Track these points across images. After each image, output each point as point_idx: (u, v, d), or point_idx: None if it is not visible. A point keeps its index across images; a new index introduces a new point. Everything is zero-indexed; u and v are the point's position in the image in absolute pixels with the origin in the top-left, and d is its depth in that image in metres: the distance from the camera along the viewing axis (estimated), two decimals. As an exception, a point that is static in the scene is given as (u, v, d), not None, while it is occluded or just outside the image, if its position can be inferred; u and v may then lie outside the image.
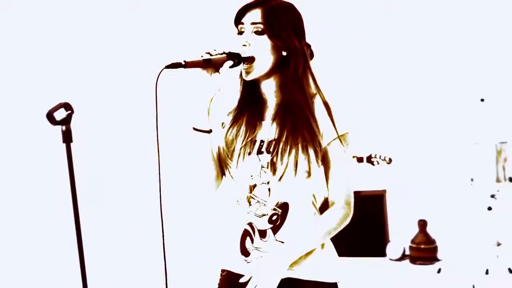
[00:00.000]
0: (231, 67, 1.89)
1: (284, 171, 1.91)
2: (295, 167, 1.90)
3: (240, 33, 1.95)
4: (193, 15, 4.93)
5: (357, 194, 5.72)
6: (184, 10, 4.95)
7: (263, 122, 2.00)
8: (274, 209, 1.95)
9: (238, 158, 1.97)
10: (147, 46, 4.79)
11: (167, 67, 1.76)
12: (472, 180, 4.68)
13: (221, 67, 1.87)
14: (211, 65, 1.85)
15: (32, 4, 4.61)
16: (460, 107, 5.04)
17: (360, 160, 3.97)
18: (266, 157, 1.94)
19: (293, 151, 1.90)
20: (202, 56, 1.84)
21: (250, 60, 1.91)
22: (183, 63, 1.78)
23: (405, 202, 5.24)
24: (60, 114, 1.63)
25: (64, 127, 1.64)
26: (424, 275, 4.81)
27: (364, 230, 5.31)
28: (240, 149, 1.97)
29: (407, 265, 5.08)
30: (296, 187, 1.95)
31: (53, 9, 4.65)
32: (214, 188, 2.05)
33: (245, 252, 1.99)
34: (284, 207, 1.96)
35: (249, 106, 2.02)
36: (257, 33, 1.92)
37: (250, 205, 1.98)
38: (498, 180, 4.61)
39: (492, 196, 4.60)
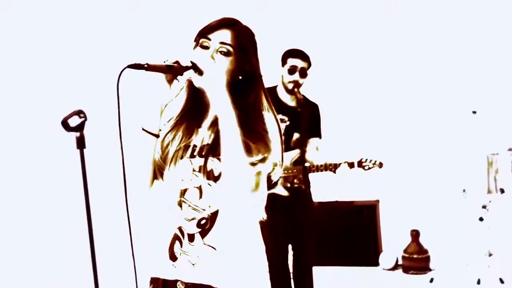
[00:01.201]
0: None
1: (219, 175, 1.91)
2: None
3: (203, 47, 1.98)
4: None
5: (350, 204, 5.84)
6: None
7: (199, 129, 2.02)
8: (203, 213, 1.94)
9: (171, 162, 1.97)
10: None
11: (129, 66, 1.76)
12: (464, 191, 4.74)
13: (181, 75, 1.88)
14: (172, 71, 1.86)
15: (49, 20, 4.87)
16: (452, 119, 5.11)
17: (351, 165, 3.98)
18: (198, 161, 1.96)
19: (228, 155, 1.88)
20: (165, 61, 1.85)
21: (199, 72, 1.89)
22: (146, 65, 1.79)
23: (398, 212, 5.30)
24: (74, 121, 1.68)
25: (78, 134, 1.69)
26: (417, 285, 4.87)
27: (357, 239, 5.38)
28: (174, 153, 1.98)
29: (400, 274, 5.14)
30: (227, 190, 1.92)
31: (69, 20, 4.91)
32: (147, 190, 2.03)
33: (173, 257, 1.97)
34: (214, 211, 1.95)
35: (191, 114, 2.03)
36: (223, 53, 1.95)
37: (181, 209, 1.96)
38: (489, 191, 4.67)
39: (484, 207, 4.66)
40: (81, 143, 1.71)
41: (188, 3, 5.21)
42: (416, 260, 5.09)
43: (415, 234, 5.11)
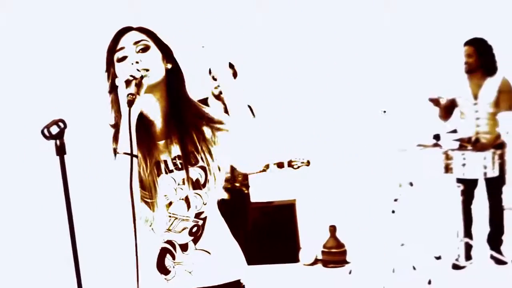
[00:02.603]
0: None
1: (205, 181, 1.94)
2: (207, 176, 1.95)
3: (120, 60, 1.91)
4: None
5: (269, 204, 5.96)
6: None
7: (158, 143, 1.96)
8: (195, 221, 1.96)
9: (148, 183, 1.89)
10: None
11: (130, 105, 1.75)
12: (376, 185, 5.04)
13: (142, 87, 1.81)
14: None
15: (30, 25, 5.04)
16: (363, 118, 5.40)
17: (281, 165, 4.08)
18: (179, 174, 1.93)
19: (203, 162, 1.94)
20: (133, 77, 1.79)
21: (146, 71, 1.85)
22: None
23: (315, 210, 5.53)
24: (54, 130, 1.71)
25: (58, 141, 1.73)
26: (336, 277, 5.10)
27: (277, 238, 5.53)
28: (148, 175, 1.90)
29: (320, 269, 5.36)
30: (211, 194, 1.98)
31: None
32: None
33: (164, 271, 1.97)
34: (203, 216, 1.98)
35: (137, 131, 1.85)
36: (143, 50, 1.91)
37: (169, 224, 1.95)
38: (400, 185, 4.98)
39: (395, 200, 4.96)
40: (61, 150, 1.75)
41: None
42: (334, 254, 5.33)
43: (332, 230, 5.35)
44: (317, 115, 5.54)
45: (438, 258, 5.15)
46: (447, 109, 5.13)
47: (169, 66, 1.96)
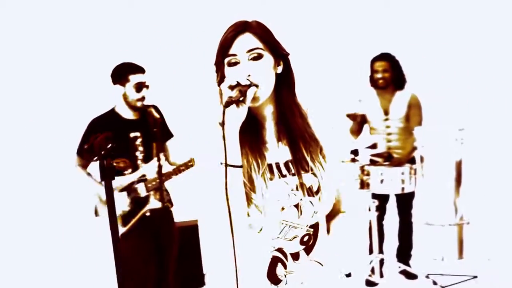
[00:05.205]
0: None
1: (318, 189, 1.87)
2: (320, 184, 1.89)
3: (231, 64, 1.86)
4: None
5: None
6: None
7: (267, 146, 1.94)
8: (306, 230, 1.91)
9: (260, 186, 1.86)
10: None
11: (226, 106, 1.76)
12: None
13: (245, 96, 1.79)
14: (237, 97, 1.79)
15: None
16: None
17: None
18: (292, 180, 1.87)
19: (315, 167, 1.89)
20: (234, 89, 1.78)
21: (256, 86, 1.84)
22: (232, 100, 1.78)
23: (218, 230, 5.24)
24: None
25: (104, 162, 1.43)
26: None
27: (182, 261, 5.17)
28: (260, 177, 1.87)
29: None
30: (323, 202, 1.90)
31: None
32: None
33: (275, 280, 1.91)
34: (315, 226, 1.92)
35: (247, 134, 1.90)
36: (255, 58, 1.85)
37: (280, 230, 1.89)
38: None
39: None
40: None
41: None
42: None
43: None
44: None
45: (348, 275, 5.08)
46: (359, 125, 5.12)
47: (279, 70, 1.92)
